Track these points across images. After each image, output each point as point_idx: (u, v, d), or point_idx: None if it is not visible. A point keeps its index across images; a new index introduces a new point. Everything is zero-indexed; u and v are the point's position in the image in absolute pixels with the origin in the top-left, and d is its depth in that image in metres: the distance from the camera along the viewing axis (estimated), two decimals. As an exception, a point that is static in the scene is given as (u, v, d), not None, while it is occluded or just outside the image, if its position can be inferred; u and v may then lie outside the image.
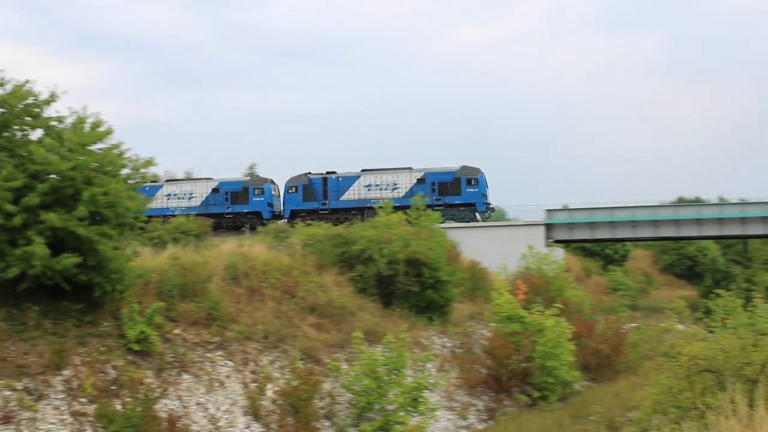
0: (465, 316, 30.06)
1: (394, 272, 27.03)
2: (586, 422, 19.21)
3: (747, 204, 48.53)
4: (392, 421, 19.15)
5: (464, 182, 48.32)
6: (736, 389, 8.69)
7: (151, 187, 50.96)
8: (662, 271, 70.43)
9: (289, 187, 50.63)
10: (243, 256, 24.75)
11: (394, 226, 28.77)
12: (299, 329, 22.43)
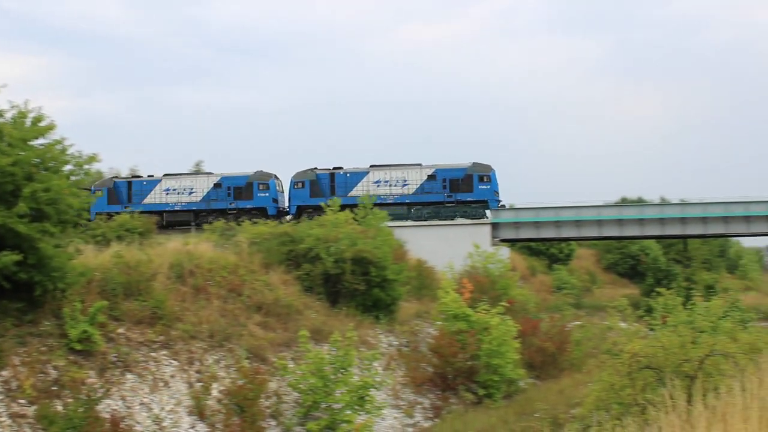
0: (411, 315, 30.16)
1: (340, 271, 27.00)
2: (530, 419, 19.42)
3: (686, 205, 49.63)
4: (339, 420, 19.11)
5: (476, 179, 48.03)
6: (675, 385, 8.86)
7: (149, 181, 50.66)
8: (606, 270, 71.57)
9: (295, 183, 49.60)
10: (188, 254, 24.46)
11: (341, 225, 28.74)
12: (245, 328, 22.25)
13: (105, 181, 51.15)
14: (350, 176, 49.61)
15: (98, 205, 47.56)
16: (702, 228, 48.89)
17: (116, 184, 50.68)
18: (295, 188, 49.40)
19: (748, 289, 75.58)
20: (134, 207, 47.56)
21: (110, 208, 48.15)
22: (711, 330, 14.03)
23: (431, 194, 48.43)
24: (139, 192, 50.35)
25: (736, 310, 25.58)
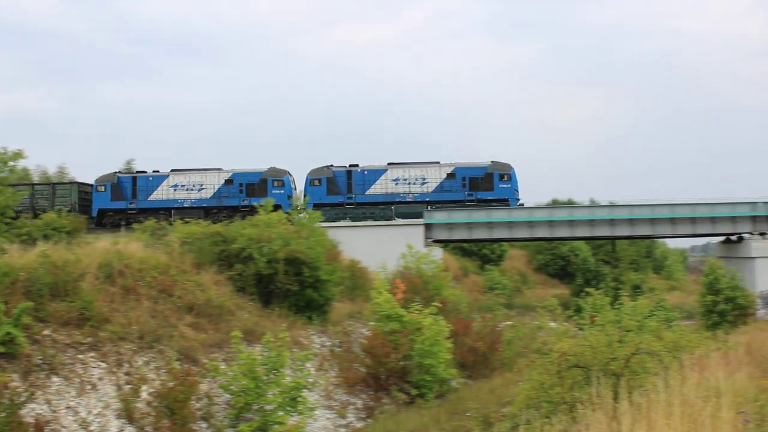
0: (344, 315, 30.14)
1: (273, 271, 26.83)
2: (462, 418, 19.57)
3: (615, 207, 50.69)
4: (271, 421, 18.97)
5: (497, 177, 48.24)
6: (602, 383, 9.04)
7: (155, 177, 49.47)
8: (537, 270, 72.63)
9: (311, 180, 48.94)
10: (118, 254, 24.00)
11: (274, 225, 28.54)
12: (176, 329, 21.92)
13: (108, 176, 49.71)
14: (368, 174, 49.20)
15: (101, 201, 48.33)
16: (629, 229, 50.00)
17: (120, 179, 49.40)
18: (312, 186, 48.79)
19: (673, 288, 77.57)
20: (140, 204, 48.29)
21: (114, 204, 48.41)
22: (637, 329, 14.34)
23: (451, 192, 48.62)
24: (144, 188, 49.23)
25: (662, 310, 26.22)
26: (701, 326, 38.61)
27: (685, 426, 6.85)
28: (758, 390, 9.40)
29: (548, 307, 20.82)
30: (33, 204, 46.84)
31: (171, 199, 48.50)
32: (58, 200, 47.36)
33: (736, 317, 39.85)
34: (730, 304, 40.08)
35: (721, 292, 40.48)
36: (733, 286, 41.14)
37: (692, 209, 49.34)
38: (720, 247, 55.75)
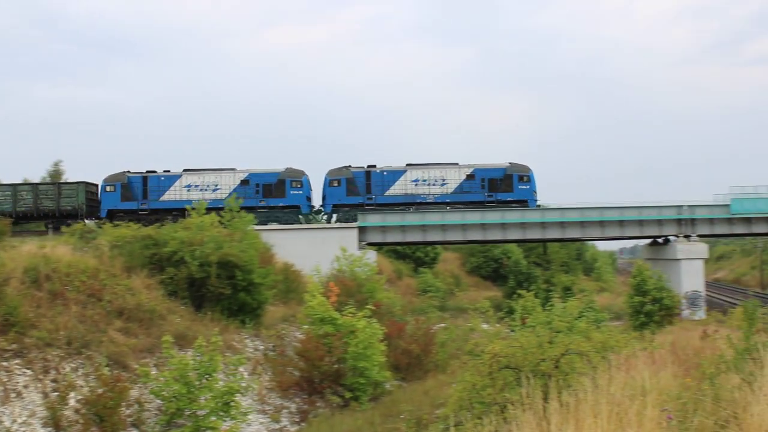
0: (278, 319, 29.97)
1: (205, 275, 26.54)
2: (396, 421, 19.60)
3: (546, 210, 51.51)
4: (203, 427, 18.74)
5: (516, 179, 48.77)
6: (532, 384, 9.17)
7: (167, 177, 48.86)
8: (470, 272, 73.33)
9: (330, 181, 48.70)
10: (45, 257, 23.44)
11: (206, 228, 28.23)
12: (105, 334, 21.49)
13: (117, 175, 49.01)
14: (387, 175, 49.38)
15: (110, 201, 47.76)
16: (560, 232, 50.88)
17: (130, 179, 48.62)
18: (331, 186, 48.67)
19: (602, 290, 79.15)
20: (151, 204, 47.96)
21: (124, 205, 48.03)
22: (567, 330, 14.60)
23: (470, 194, 49.17)
24: (156, 188, 48.72)
25: (591, 311, 26.71)
26: (629, 326, 39.49)
27: (612, 424, 6.99)
28: (682, 388, 9.65)
29: (480, 309, 21.04)
30: (37, 204, 46.34)
31: (185, 200, 46.77)
32: (63, 201, 46.73)
33: (663, 317, 40.92)
34: (657, 305, 41.16)
35: (648, 293, 41.53)
36: (660, 287, 42.24)
37: (620, 212, 50.47)
38: (647, 250, 57.13)
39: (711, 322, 32.48)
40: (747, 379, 8.71)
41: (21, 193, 47.50)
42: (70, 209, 46.94)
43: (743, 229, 53.05)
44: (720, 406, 8.20)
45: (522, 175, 49.35)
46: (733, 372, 9.82)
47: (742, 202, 50.43)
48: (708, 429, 7.36)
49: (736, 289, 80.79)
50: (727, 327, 23.57)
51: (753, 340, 10.77)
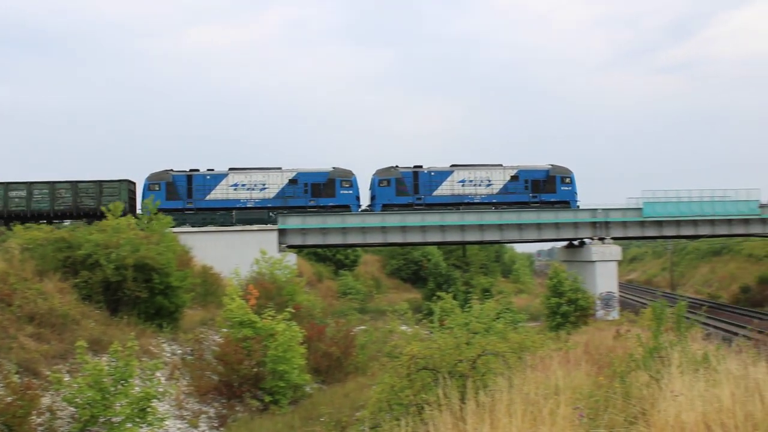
0: (196, 322, 29.58)
1: (121, 278, 25.98)
2: (316, 424, 19.56)
3: (465, 213, 52.00)
4: (118, 434, 18.37)
5: (559, 180, 50.17)
6: (450, 385, 9.29)
7: (213, 176, 48.08)
8: (390, 275, 73.59)
9: (380, 181, 48.96)
10: (-49, 261, 22.65)
11: (122, 230, 27.67)
12: (15, 340, 20.83)
13: (161, 174, 48.14)
14: (434, 175, 50.29)
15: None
16: (479, 235, 51.50)
17: (174, 177, 47.77)
18: (380, 186, 49.07)
19: (520, 291, 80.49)
20: (197, 204, 47.48)
21: (169, 204, 46.67)
22: (484, 331, 14.83)
23: (515, 194, 50.54)
24: (201, 187, 48.22)
25: (509, 312, 27.13)
26: (546, 327, 40.24)
27: (526, 423, 7.15)
28: (594, 386, 9.92)
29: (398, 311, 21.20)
30: (77, 203, 45.36)
31: (232, 199, 47.82)
32: (105, 199, 45.19)
33: (578, 318, 41.82)
34: (572, 306, 42.03)
35: (564, 295, 42.38)
36: (575, 289, 43.15)
37: (538, 215, 51.36)
38: (563, 252, 58.35)
39: (623, 322, 33.36)
40: (655, 377, 9.01)
41: (59, 191, 46.46)
42: None
43: (654, 232, 54.65)
44: (630, 403, 8.47)
45: (564, 177, 51.13)
46: (642, 370, 10.14)
47: (654, 206, 51.94)
48: (618, 425, 7.58)
49: (648, 290, 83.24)
50: (638, 327, 24.23)
51: (661, 339, 11.13)
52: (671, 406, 7.05)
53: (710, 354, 9.94)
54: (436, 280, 64.53)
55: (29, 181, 46.81)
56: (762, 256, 73.37)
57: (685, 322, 12.88)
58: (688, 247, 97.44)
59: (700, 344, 11.86)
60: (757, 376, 8.13)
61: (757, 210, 52.75)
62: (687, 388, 7.79)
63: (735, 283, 70.32)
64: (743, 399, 7.07)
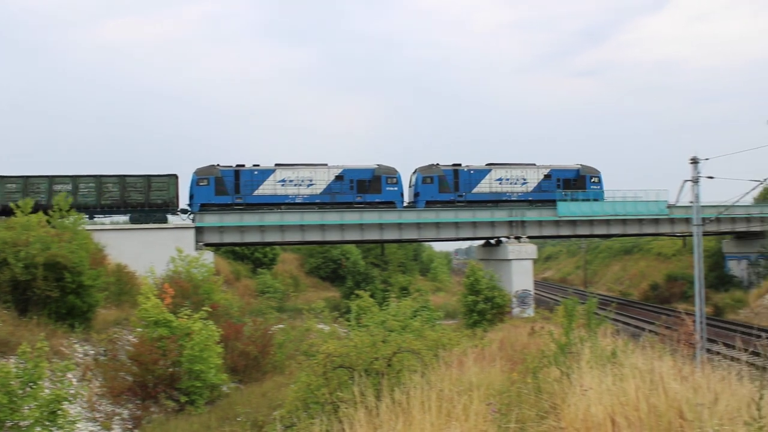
0: (110, 322, 28.99)
1: (31, 277, 25.26)
2: (233, 424, 19.40)
3: (384, 212, 52.16)
4: (27, 437, 17.84)
5: (588, 179, 53.30)
6: (366, 383, 9.34)
7: (260, 171, 48.35)
8: (309, 273, 73.31)
9: (424, 178, 50.28)
10: None
11: (32, 228, 26.90)
12: None
13: (209, 169, 48.34)
14: (473, 173, 52.30)
15: (204, 195, 48.02)
16: (398, 233, 51.77)
17: (223, 173, 47.79)
18: (424, 183, 50.44)
19: (438, 289, 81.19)
20: (246, 199, 48.80)
21: (218, 199, 48.11)
22: (401, 329, 14.93)
23: (548, 192, 52.92)
24: (249, 182, 48.66)
25: (426, 310, 27.38)
26: (463, 325, 40.77)
27: (441, 419, 7.23)
28: (508, 382, 10.11)
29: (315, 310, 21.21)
30: (124, 197, 45.23)
31: (280, 195, 48.52)
32: (153, 194, 45.74)
33: (494, 315, 42.51)
34: (489, 304, 42.69)
35: (481, 293, 43.02)
36: (492, 287, 43.84)
37: (455, 214, 51.89)
38: (480, 250, 59.10)
39: (538, 319, 34.06)
40: (566, 372, 9.23)
41: (107, 185, 46.38)
42: (161, 203, 46.60)
43: (569, 231, 55.84)
44: (541, 398, 8.66)
45: (593, 176, 54.55)
46: (554, 366, 10.37)
47: (568, 206, 53.04)
48: (529, 420, 7.74)
49: (562, 288, 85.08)
50: (552, 323, 24.77)
51: (572, 335, 11.40)
52: (581, 401, 7.23)
53: (618, 349, 10.22)
54: (354, 278, 64.63)
55: (75, 175, 46.53)
56: (670, 254, 75.84)
57: (595, 318, 13.23)
58: (601, 246, 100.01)
59: (610, 340, 12.18)
60: (662, 370, 8.41)
61: (665, 210, 54.46)
62: (596, 382, 8.00)
63: (645, 281, 72.54)
64: (648, 392, 7.31)
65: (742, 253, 62.31)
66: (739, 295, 54.91)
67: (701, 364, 9.32)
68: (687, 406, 6.81)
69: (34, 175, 45.72)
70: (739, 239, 62.40)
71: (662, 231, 58.67)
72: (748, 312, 50.43)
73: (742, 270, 61.93)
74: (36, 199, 40.19)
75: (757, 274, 59.08)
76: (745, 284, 59.81)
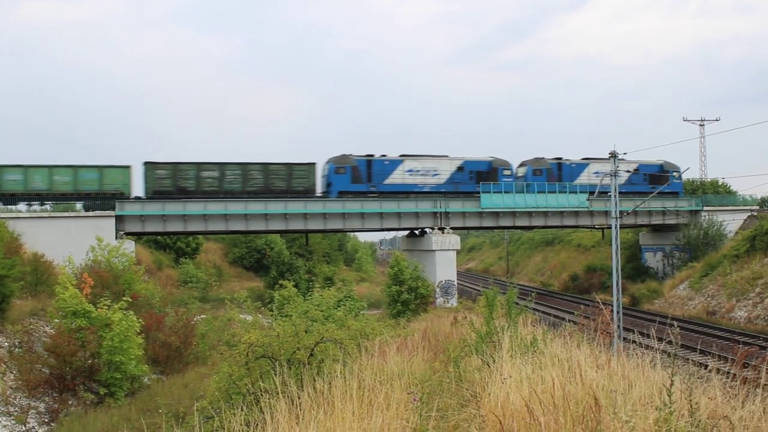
0: (26, 313, 28.27)
1: (-58, 267, 24.50)
2: (154, 416, 19.15)
3: (309, 201, 51.89)
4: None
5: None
6: (288, 373, 9.32)
7: (390, 161, 52.76)
8: (232, 263, 72.63)
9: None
10: None
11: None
12: None
13: (345, 158, 52.18)
14: (575, 167, 58.02)
15: (341, 183, 51.48)
16: (322, 223, 51.62)
17: (358, 162, 52.03)
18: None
19: (362, 280, 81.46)
20: (379, 187, 52.30)
21: (354, 187, 51.79)
22: (324, 319, 14.95)
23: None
24: (380, 172, 52.43)
25: (350, 300, 27.47)
26: (386, 315, 40.99)
27: (363, 408, 7.27)
28: (430, 372, 10.21)
29: (237, 300, 21.10)
30: (268, 184, 47.51)
31: (409, 183, 52.43)
32: (295, 181, 49.27)
33: (418, 305, 42.85)
34: (413, 294, 42.99)
35: (405, 283, 43.29)
36: (416, 277, 44.16)
37: (380, 205, 52.02)
38: (405, 241, 59.40)
39: (461, 309, 34.45)
40: (486, 361, 9.37)
41: (251, 172, 48.76)
42: (302, 189, 49.63)
43: (492, 223, 56.54)
44: (462, 387, 8.78)
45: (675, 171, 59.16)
46: (475, 355, 10.51)
47: (491, 198, 53.68)
48: (450, 408, 7.84)
49: (485, 278, 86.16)
50: (475, 313, 25.08)
51: (493, 325, 11.57)
52: (500, 389, 7.35)
53: (538, 338, 10.42)
54: (278, 268, 64.27)
55: (222, 162, 49.05)
56: (589, 246, 77.50)
57: (516, 308, 13.44)
58: (523, 238, 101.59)
59: (530, 329, 12.40)
60: (579, 359, 8.61)
61: (585, 203, 55.62)
62: (516, 371, 8.15)
63: (565, 272, 74.01)
64: (566, 380, 7.48)
65: (658, 245, 64.13)
66: (654, 285, 56.43)
67: (617, 353, 9.57)
68: (602, 392, 7.00)
69: (183, 162, 47.96)
70: (655, 231, 64.20)
71: (582, 223, 59.93)
72: (663, 302, 51.90)
73: (658, 261, 63.72)
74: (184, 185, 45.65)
75: (671, 266, 60.88)
76: (660, 275, 61.55)
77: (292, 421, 7.08)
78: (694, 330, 37.76)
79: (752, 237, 50.08)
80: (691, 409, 6.35)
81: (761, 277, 44.54)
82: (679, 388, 6.67)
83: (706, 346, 29.34)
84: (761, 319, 40.66)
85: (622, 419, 6.01)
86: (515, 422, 6.26)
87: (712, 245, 56.51)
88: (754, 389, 7.46)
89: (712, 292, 47.82)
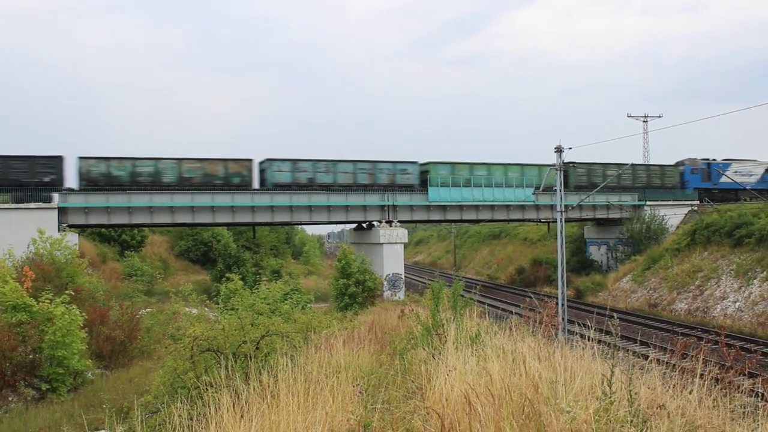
0: (-37, 308, 27.60)
1: None
2: (98, 411, 18.91)
3: (255, 194, 51.53)
4: None
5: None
6: (234, 366, 9.28)
7: (723, 164, 64.15)
8: (179, 256, 71.88)
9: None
10: None
11: None
12: None
13: (694, 161, 63.61)
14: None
15: (696, 181, 63.16)
16: (270, 216, 51.36)
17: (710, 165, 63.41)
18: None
19: (310, 273, 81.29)
20: (719, 185, 63.44)
21: (704, 184, 63.32)
22: (270, 312, 14.89)
23: None
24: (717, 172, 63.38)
25: (297, 293, 27.41)
26: (334, 308, 40.99)
27: (308, 401, 7.28)
28: (376, 364, 10.26)
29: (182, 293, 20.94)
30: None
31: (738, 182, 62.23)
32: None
33: (365, 299, 42.90)
34: (360, 287, 43.03)
35: (352, 276, 43.30)
36: (363, 270, 44.19)
37: (327, 198, 51.93)
38: (353, 234, 59.39)
39: (408, 302, 34.59)
40: (432, 353, 9.45)
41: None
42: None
43: (439, 216, 56.83)
44: (408, 379, 8.83)
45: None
46: (421, 347, 10.59)
47: (439, 191, 53.98)
48: (395, 401, 7.89)
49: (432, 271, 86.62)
50: (422, 306, 25.22)
51: (438, 317, 11.66)
52: (445, 381, 7.42)
53: (483, 331, 10.54)
54: (225, 261, 63.76)
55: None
56: (535, 239, 78.38)
57: (461, 300, 13.55)
58: (470, 231, 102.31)
59: (475, 322, 12.52)
60: (523, 351, 8.74)
61: (531, 197, 56.20)
62: (461, 363, 8.23)
63: (512, 265, 74.70)
64: (509, 371, 7.58)
65: (602, 238, 65.14)
66: (598, 278, 57.30)
67: (560, 345, 9.72)
68: (545, 384, 7.11)
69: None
70: (600, 225, 65.20)
71: (528, 217, 60.60)
72: (607, 295, 52.78)
73: (602, 255, 64.75)
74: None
75: (615, 259, 61.87)
76: (604, 269, 62.55)
77: (236, 415, 7.06)
78: (635, 322, 38.54)
79: (693, 231, 51.15)
80: (630, 398, 6.49)
81: (701, 271, 45.59)
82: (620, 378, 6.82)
83: (646, 338, 29.94)
84: (700, 311, 41.65)
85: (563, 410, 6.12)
86: (456, 415, 6.32)
87: (654, 239, 57.53)
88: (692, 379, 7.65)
89: (654, 285, 48.80)
